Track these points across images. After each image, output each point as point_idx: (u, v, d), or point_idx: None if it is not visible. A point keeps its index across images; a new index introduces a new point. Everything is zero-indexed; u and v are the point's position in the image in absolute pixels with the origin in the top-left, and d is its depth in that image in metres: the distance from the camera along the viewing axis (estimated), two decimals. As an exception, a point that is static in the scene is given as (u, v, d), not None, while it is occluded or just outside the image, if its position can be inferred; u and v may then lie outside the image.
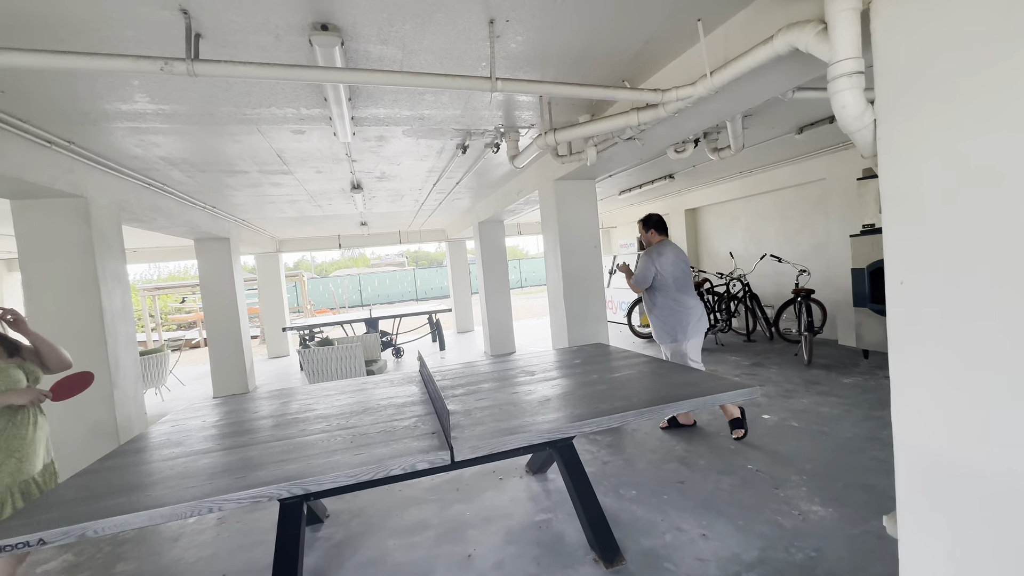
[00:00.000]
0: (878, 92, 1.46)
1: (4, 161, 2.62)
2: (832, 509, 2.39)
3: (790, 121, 4.22)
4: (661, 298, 3.42)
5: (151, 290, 12.86)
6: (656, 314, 3.46)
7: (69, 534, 1.38)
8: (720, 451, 3.18)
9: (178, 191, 4.63)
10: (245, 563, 2.40)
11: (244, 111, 2.82)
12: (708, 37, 2.27)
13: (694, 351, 3.39)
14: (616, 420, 1.88)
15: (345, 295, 22.53)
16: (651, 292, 3.47)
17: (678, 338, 3.36)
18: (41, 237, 3.27)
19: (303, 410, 2.40)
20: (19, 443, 1.87)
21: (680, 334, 3.35)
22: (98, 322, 3.38)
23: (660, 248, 3.46)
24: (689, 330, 3.35)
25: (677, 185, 7.30)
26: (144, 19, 1.81)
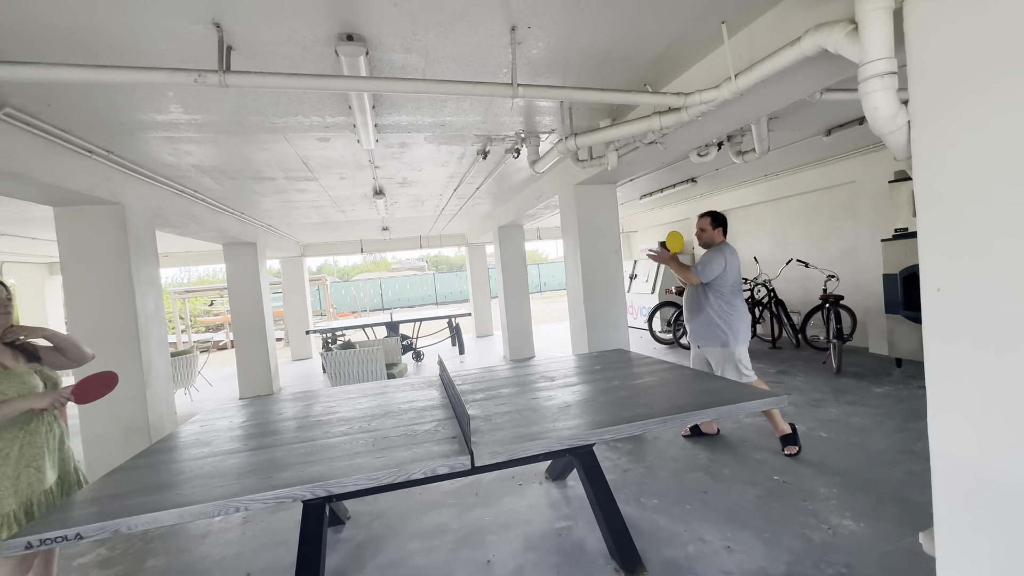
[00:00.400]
0: (912, 93, 1.42)
1: (49, 170, 2.75)
2: (864, 524, 2.31)
3: (818, 123, 4.12)
4: (715, 299, 3.22)
5: (181, 293, 13.29)
6: (704, 316, 3.24)
7: (104, 530, 1.43)
8: (744, 461, 3.10)
9: (208, 197, 4.79)
10: (269, 562, 2.44)
11: (272, 120, 2.90)
12: (732, 39, 2.23)
13: (746, 357, 3.22)
14: (638, 428, 1.85)
15: (366, 299, 22.86)
16: (703, 291, 3.25)
17: (729, 343, 3.18)
18: (81, 242, 3.42)
19: (326, 412, 2.44)
20: (35, 452, 1.79)
21: (732, 339, 3.18)
22: (132, 324, 3.51)
23: (731, 248, 3.27)
24: (741, 335, 3.20)
25: (699, 189, 7.20)
26: (179, 33, 1.88)
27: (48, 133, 2.65)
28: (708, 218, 3.33)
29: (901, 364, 4.97)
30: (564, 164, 4.37)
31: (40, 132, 2.61)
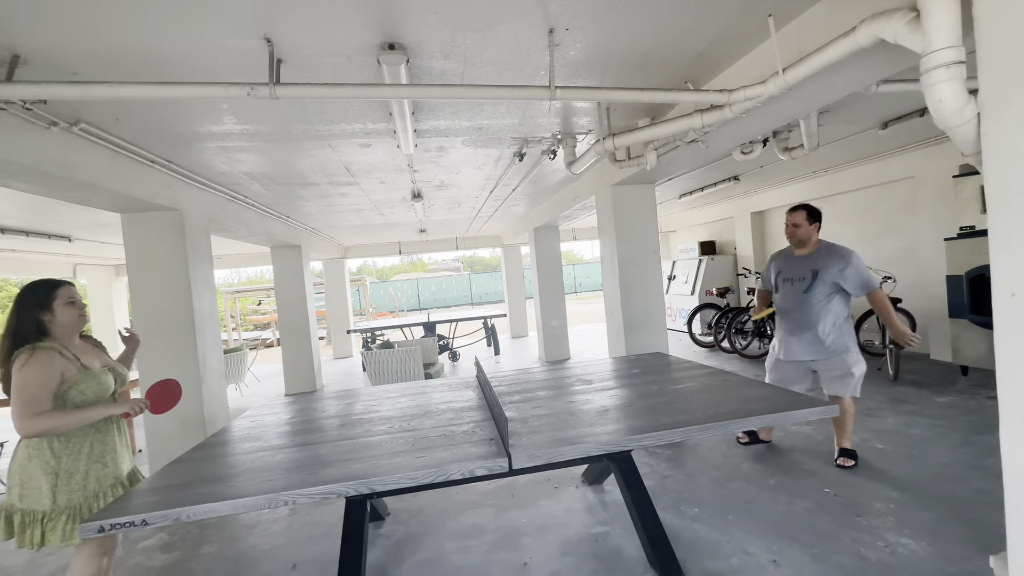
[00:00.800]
0: (982, 83, 1.32)
1: (118, 180, 2.97)
2: (925, 543, 2.16)
3: (873, 116, 3.90)
4: (840, 307, 2.86)
5: (232, 293, 14.01)
6: (824, 327, 2.85)
7: (167, 517, 1.52)
8: (792, 471, 2.97)
9: (258, 203, 5.03)
10: (313, 555, 2.53)
11: (317, 128, 3.01)
12: (780, 32, 2.15)
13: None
14: (679, 434, 1.81)
15: (404, 299, 23.36)
16: (830, 299, 2.85)
17: (853, 353, 2.87)
18: (144, 246, 3.67)
19: (367, 411, 2.51)
20: (104, 448, 1.87)
21: (855, 351, 2.89)
22: (189, 323, 3.73)
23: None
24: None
25: (743, 187, 6.95)
26: (233, 49, 1.99)
27: (116, 146, 2.86)
28: (803, 212, 2.93)
29: (967, 372, 4.62)
30: (601, 164, 4.32)
31: (109, 145, 2.82)
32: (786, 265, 3.04)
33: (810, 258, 2.92)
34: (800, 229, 2.93)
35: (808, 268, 2.89)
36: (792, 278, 2.98)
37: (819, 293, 2.84)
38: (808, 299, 2.87)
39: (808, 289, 2.87)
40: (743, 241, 8.39)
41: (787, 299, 2.99)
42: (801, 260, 2.96)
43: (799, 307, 2.91)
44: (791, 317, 2.96)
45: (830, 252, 2.88)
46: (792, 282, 2.97)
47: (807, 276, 2.89)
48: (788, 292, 2.99)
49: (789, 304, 2.97)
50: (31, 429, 1.67)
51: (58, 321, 1.82)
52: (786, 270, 3.03)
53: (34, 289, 1.82)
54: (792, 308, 2.96)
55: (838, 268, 2.81)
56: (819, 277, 2.84)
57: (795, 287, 2.95)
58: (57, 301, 1.83)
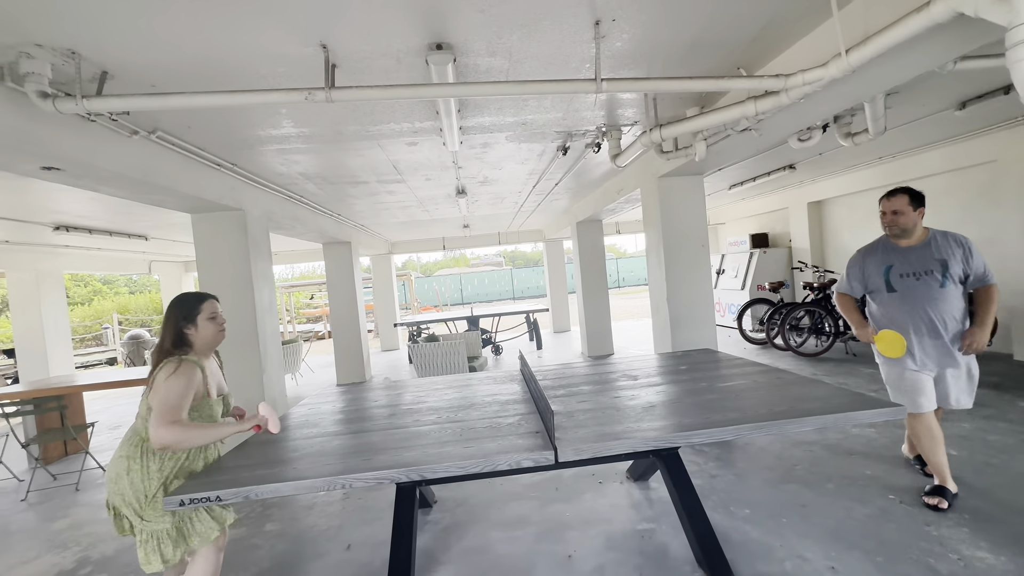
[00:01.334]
0: (1081, 57, 1.20)
1: (189, 182, 3.20)
2: (1005, 557, 2.00)
3: (949, 96, 3.60)
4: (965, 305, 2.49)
5: (287, 288, 14.77)
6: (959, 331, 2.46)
7: (237, 495, 1.65)
8: (852, 475, 2.82)
9: (311, 201, 5.27)
10: (366, 536, 2.66)
11: (367, 128, 3.13)
12: (843, 10, 2.02)
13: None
14: (730, 433, 1.76)
15: (447, 294, 23.80)
16: (958, 297, 2.46)
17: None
18: (211, 244, 3.94)
19: (416, 402, 2.60)
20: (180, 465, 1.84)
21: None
22: (251, 316, 3.98)
23: None
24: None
25: (799, 176, 6.59)
26: (292, 56, 2.10)
27: (188, 151, 3.09)
28: (905, 196, 2.51)
29: (1058, 375, 4.20)
30: (647, 156, 4.23)
31: (182, 151, 3.05)
32: (898, 258, 2.55)
33: (929, 247, 2.49)
34: (903, 217, 2.50)
35: (932, 258, 2.46)
36: (915, 272, 2.50)
37: (953, 287, 2.44)
38: (947, 295, 2.43)
39: (944, 283, 2.43)
40: (799, 233, 7.96)
41: (916, 298, 2.49)
42: (917, 251, 2.51)
43: (937, 305, 2.44)
44: (931, 319, 2.46)
45: (947, 239, 2.49)
46: (916, 276, 2.48)
47: (935, 268, 2.45)
48: (915, 290, 2.49)
49: (921, 303, 2.48)
50: (168, 441, 1.63)
51: (200, 335, 1.85)
52: (901, 264, 2.54)
53: (181, 301, 1.87)
54: (930, 307, 2.46)
55: (962, 255, 2.44)
56: (950, 268, 2.43)
57: (923, 282, 2.47)
58: (201, 315, 1.86)
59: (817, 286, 6.17)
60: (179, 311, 1.85)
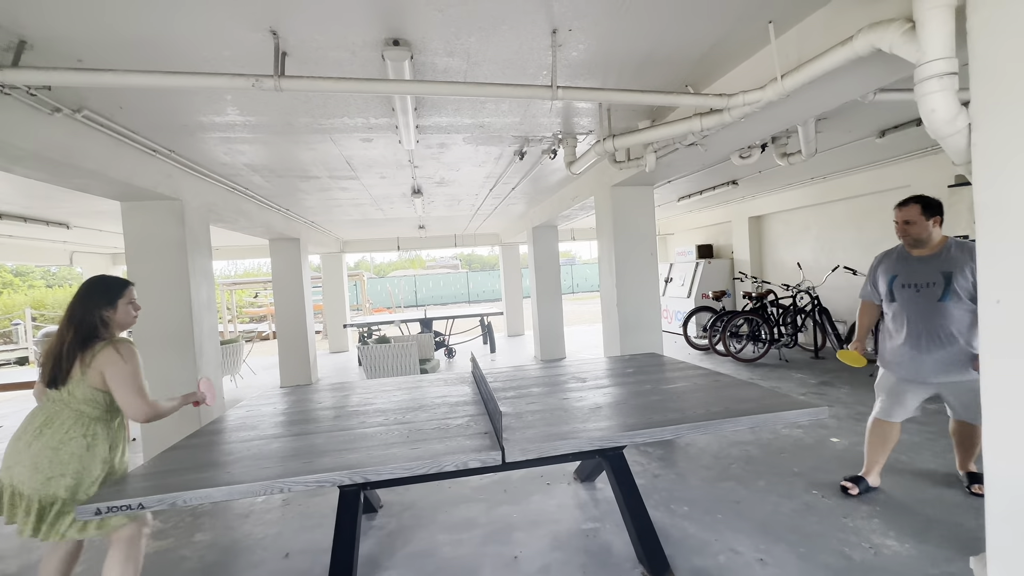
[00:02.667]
0: (974, 95, 1.35)
1: (119, 168, 2.97)
2: (909, 545, 2.20)
3: (870, 124, 3.94)
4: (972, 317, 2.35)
5: (229, 285, 13.97)
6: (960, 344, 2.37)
7: (163, 501, 1.54)
8: (781, 472, 3.01)
9: (258, 194, 5.03)
10: (307, 543, 2.56)
11: (320, 121, 3.03)
12: (780, 39, 2.18)
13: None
14: (670, 432, 1.84)
15: (401, 295, 23.34)
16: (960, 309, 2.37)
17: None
18: (144, 235, 3.67)
19: (363, 403, 2.53)
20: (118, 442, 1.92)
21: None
22: (187, 313, 3.73)
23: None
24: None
25: (741, 191, 6.99)
26: (239, 40, 2.00)
27: (119, 134, 2.87)
28: (917, 206, 2.44)
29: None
30: (601, 165, 4.35)
31: (112, 133, 2.83)
32: (904, 268, 2.54)
33: (937, 258, 2.43)
34: (914, 227, 2.45)
35: (936, 270, 2.41)
36: (916, 283, 2.47)
37: (956, 301, 2.36)
38: (944, 308, 2.37)
39: (944, 296, 2.38)
40: (740, 245, 8.44)
41: (913, 309, 2.47)
42: (924, 261, 2.47)
43: (933, 319, 2.40)
44: (923, 331, 2.44)
45: (962, 250, 2.39)
46: (917, 288, 2.46)
47: (937, 280, 2.40)
48: (913, 301, 2.48)
49: (917, 315, 2.46)
50: (149, 413, 1.82)
51: (116, 318, 1.90)
52: (905, 274, 2.52)
53: (107, 285, 1.92)
54: (924, 320, 2.43)
55: (972, 266, 2.30)
56: (954, 280, 2.35)
57: (922, 294, 2.44)
58: (122, 299, 1.93)
59: (755, 296, 6.55)
60: (103, 294, 1.89)
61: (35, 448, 1.72)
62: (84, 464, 1.75)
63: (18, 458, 1.73)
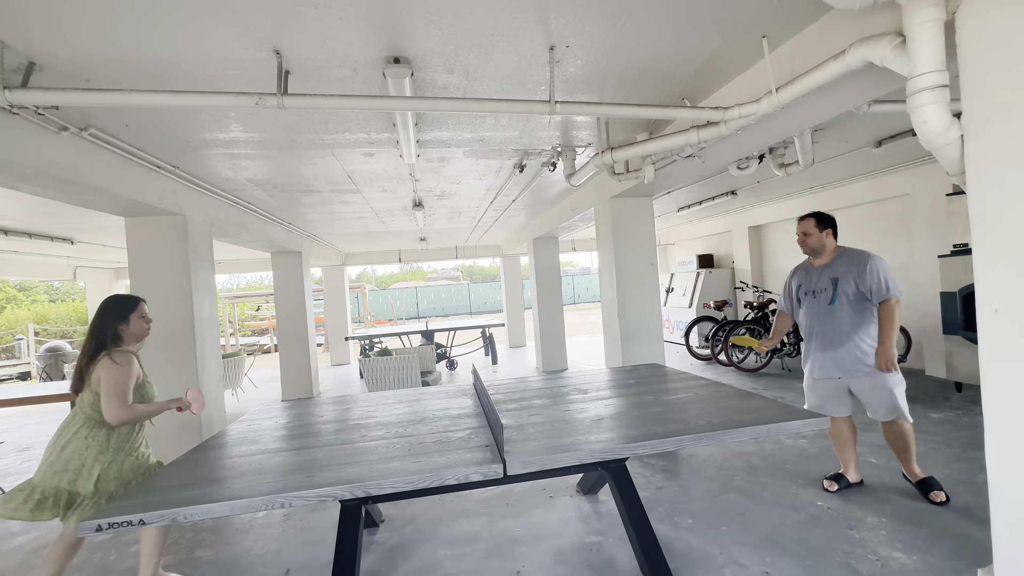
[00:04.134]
0: (965, 106, 1.37)
1: (124, 184, 3.01)
2: (916, 557, 2.17)
3: (867, 134, 3.98)
4: (871, 316, 2.63)
5: (231, 298, 14.01)
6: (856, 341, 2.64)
7: (164, 517, 1.54)
8: (785, 484, 2.98)
9: (260, 209, 5.08)
10: (307, 559, 2.53)
11: (322, 137, 3.07)
12: (774, 53, 2.22)
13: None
14: (672, 444, 1.83)
15: (403, 307, 23.36)
16: (858, 309, 2.64)
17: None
18: (147, 250, 3.70)
19: (364, 417, 2.53)
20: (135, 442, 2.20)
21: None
22: (190, 327, 3.75)
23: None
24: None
25: (740, 201, 7.03)
26: (243, 59, 2.05)
27: (124, 151, 2.91)
28: (811, 220, 2.77)
29: (961, 388, 4.65)
30: (600, 177, 4.39)
31: (118, 150, 2.87)
32: (806, 278, 2.85)
33: (829, 267, 2.74)
34: (811, 238, 2.77)
35: (827, 277, 2.72)
36: (814, 290, 2.78)
37: (845, 303, 2.64)
38: (835, 311, 2.67)
39: (833, 300, 2.68)
40: (741, 255, 8.46)
41: (812, 314, 2.79)
42: (820, 271, 2.78)
43: (826, 321, 2.71)
44: (819, 332, 2.75)
45: (847, 257, 2.70)
46: (815, 294, 2.77)
47: (828, 287, 2.71)
48: (812, 306, 2.79)
49: (814, 319, 2.77)
50: (124, 417, 2.01)
51: (130, 331, 2.18)
52: (806, 283, 2.84)
53: (121, 303, 2.19)
54: (818, 323, 2.75)
55: (856, 271, 2.62)
56: (839, 286, 2.66)
57: (818, 299, 2.76)
58: (134, 314, 2.19)
59: (756, 305, 6.55)
60: (118, 310, 2.17)
61: (50, 446, 2.06)
62: (83, 461, 2.02)
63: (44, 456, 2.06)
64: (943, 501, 2.60)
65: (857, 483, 2.88)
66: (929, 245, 5.30)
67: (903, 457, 2.75)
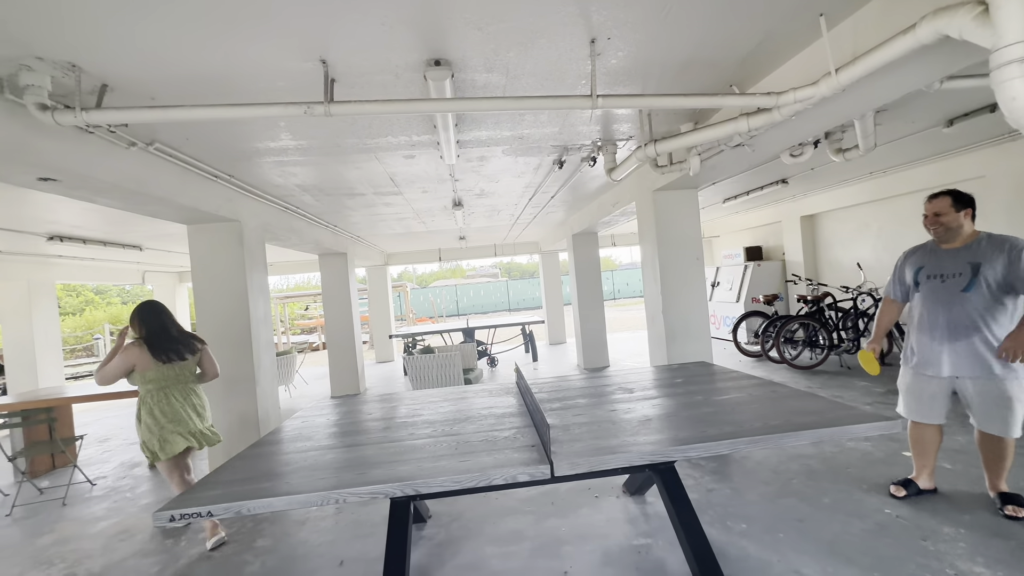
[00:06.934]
0: (1062, 79, 1.23)
1: (186, 194, 3.20)
2: (1002, 573, 1.99)
3: (937, 113, 3.68)
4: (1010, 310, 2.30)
5: (281, 299, 14.70)
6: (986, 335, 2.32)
7: (229, 510, 1.62)
8: (848, 490, 2.81)
9: (308, 213, 5.28)
10: (359, 552, 2.62)
11: (365, 141, 3.15)
12: (832, 32, 2.07)
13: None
14: (726, 447, 1.76)
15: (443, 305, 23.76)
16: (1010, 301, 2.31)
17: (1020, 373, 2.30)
18: (207, 254, 3.92)
19: (411, 415, 2.58)
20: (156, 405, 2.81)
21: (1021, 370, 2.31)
22: (246, 327, 3.95)
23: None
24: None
25: (791, 190, 6.68)
26: (292, 71, 2.12)
27: (185, 163, 3.09)
28: (947, 198, 2.44)
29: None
30: (642, 170, 4.27)
31: (179, 162, 3.05)
32: (932, 260, 2.52)
33: (967, 250, 2.39)
34: (945, 217, 2.42)
35: (964, 262, 2.37)
36: (942, 274, 2.44)
37: (982, 292, 2.31)
38: (967, 299, 2.34)
39: (968, 287, 2.33)
40: (792, 246, 8.04)
41: (936, 299, 2.44)
42: (953, 253, 2.44)
43: (953, 309, 2.37)
44: (941, 321, 2.41)
45: (992, 242, 2.34)
46: (943, 278, 2.42)
47: (964, 271, 2.36)
48: (938, 291, 2.44)
49: (939, 305, 2.43)
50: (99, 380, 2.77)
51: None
52: (931, 265, 2.50)
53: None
54: (943, 310, 2.41)
55: (1004, 260, 2.26)
56: (981, 272, 2.31)
57: (947, 285, 2.40)
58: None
59: (811, 299, 6.21)
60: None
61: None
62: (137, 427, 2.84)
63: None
64: (1021, 517, 2.34)
65: (930, 490, 2.67)
66: (1010, 230, 4.82)
67: (992, 470, 2.49)
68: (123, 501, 3.65)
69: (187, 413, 2.87)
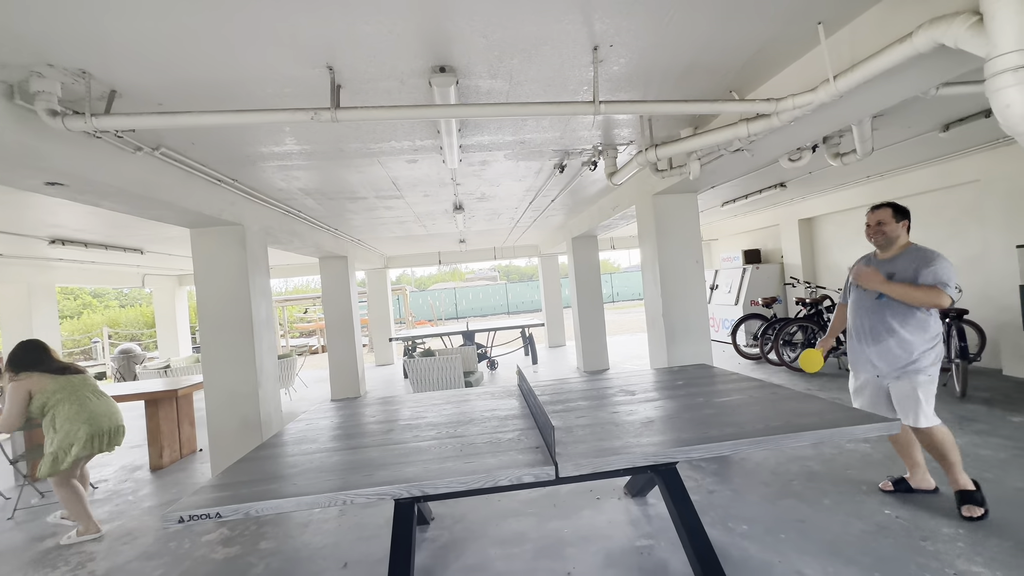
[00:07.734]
0: (1055, 88, 1.27)
1: (191, 198, 3.23)
2: (1002, 573, 2.02)
3: (933, 118, 3.72)
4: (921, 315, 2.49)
5: (280, 301, 14.70)
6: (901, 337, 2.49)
7: (237, 511, 1.64)
8: (848, 490, 2.84)
9: (310, 216, 5.30)
10: (363, 554, 2.63)
11: (369, 146, 3.18)
12: (830, 39, 2.11)
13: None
14: (728, 448, 1.79)
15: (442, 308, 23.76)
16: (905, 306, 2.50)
17: (930, 371, 2.48)
18: (209, 258, 3.94)
19: (414, 417, 2.60)
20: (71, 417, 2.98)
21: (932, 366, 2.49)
22: (248, 330, 3.96)
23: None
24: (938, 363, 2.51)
25: (789, 193, 6.73)
26: (299, 77, 2.15)
27: (190, 167, 3.12)
28: (888, 209, 2.61)
29: (1046, 390, 4.27)
30: (642, 174, 4.31)
31: (184, 167, 3.08)
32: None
33: (893, 261, 2.57)
34: (887, 227, 2.58)
35: (885, 272, 2.55)
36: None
37: (893, 299, 2.49)
38: (884, 305, 2.53)
39: (881, 295, 2.53)
40: (790, 249, 8.09)
41: (860, 306, 2.66)
42: (881, 264, 2.62)
43: (870, 315, 2.59)
44: (865, 327, 2.62)
45: (913, 254, 2.52)
46: (864, 288, 2.62)
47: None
48: (861, 298, 2.66)
49: (863, 311, 2.64)
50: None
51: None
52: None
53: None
54: (866, 316, 2.61)
55: (915, 268, 2.45)
56: (894, 280, 2.50)
57: (867, 293, 2.62)
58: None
59: (809, 302, 6.25)
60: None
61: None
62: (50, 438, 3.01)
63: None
64: (977, 516, 2.41)
65: (931, 490, 2.71)
66: (1006, 234, 4.89)
67: (943, 465, 2.54)
68: (125, 504, 3.65)
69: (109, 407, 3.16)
